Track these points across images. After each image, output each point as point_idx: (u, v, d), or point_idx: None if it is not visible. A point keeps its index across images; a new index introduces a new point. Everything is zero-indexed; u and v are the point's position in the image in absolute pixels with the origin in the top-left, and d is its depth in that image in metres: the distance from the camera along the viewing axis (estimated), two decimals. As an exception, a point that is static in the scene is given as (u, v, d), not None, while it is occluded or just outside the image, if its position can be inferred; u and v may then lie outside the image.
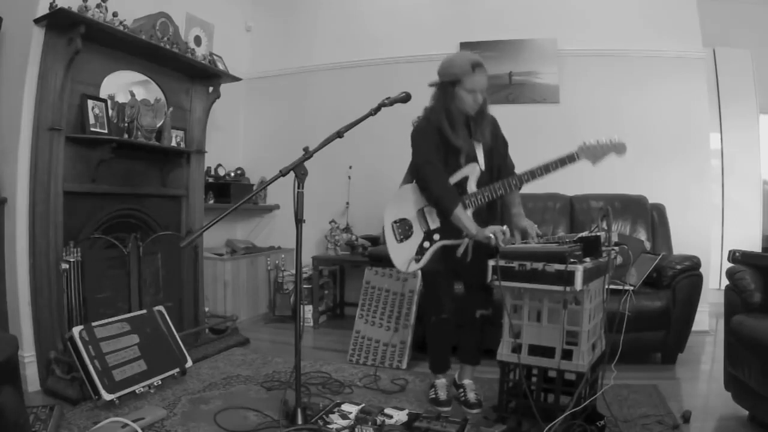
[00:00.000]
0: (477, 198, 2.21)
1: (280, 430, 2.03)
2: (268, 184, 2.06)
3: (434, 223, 2.28)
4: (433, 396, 2.41)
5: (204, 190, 3.55)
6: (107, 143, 2.63)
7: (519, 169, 2.32)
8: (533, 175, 2.17)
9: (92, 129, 2.64)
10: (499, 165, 2.33)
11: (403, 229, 2.33)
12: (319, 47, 4.51)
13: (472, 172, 2.25)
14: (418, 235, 2.29)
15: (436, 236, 2.27)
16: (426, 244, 2.27)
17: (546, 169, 2.15)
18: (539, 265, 1.84)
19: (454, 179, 2.24)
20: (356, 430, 2.01)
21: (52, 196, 2.47)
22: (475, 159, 2.27)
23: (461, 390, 2.42)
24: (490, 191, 2.21)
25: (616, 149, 2.10)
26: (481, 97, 2.20)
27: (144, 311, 2.71)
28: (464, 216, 2.13)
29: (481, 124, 2.26)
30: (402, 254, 2.31)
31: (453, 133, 2.21)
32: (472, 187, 2.24)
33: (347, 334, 3.25)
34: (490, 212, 2.34)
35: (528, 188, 3.54)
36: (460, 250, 2.23)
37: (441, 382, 2.45)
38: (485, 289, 2.36)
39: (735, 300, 2.22)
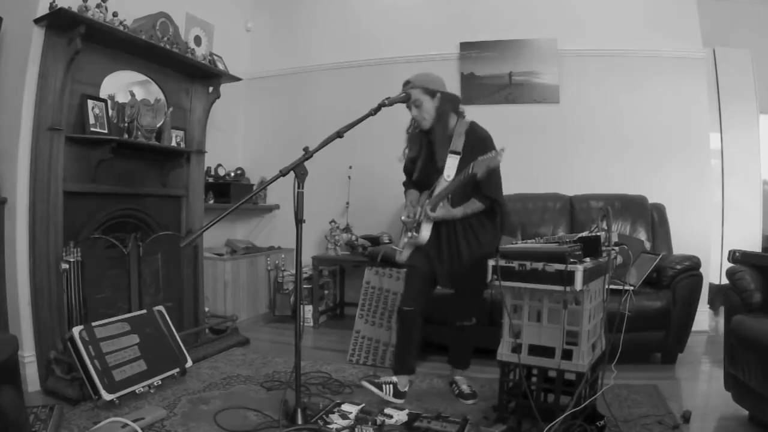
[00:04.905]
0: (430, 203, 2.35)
1: (280, 430, 2.03)
2: (268, 184, 2.06)
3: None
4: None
5: (204, 190, 3.55)
6: (107, 143, 2.63)
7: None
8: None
9: (92, 129, 2.64)
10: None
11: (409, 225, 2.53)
12: (319, 47, 4.51)
13: (440, 181, 2.34)
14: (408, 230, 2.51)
15: (411, 233, 2.43)
16: (405, 238, 2.47)
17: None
18: (539, 265, 1.84)
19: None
20: (356, 430, 2.01)
21: (52, 196, 2.47)
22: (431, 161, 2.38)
23: (454, 385, 2.49)
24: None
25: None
26: (414, 110, 2.33)
27: (144, 311, 2.71)
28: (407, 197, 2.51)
29: (434, 135, 2.34)
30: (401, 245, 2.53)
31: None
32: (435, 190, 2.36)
33: (347, 334, 3.25)
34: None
35: (528, 188, 3.56)
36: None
37: (391, 378, 2.40)
38: (474, 296, 2.43)
39: (735, 300, 2.22)
